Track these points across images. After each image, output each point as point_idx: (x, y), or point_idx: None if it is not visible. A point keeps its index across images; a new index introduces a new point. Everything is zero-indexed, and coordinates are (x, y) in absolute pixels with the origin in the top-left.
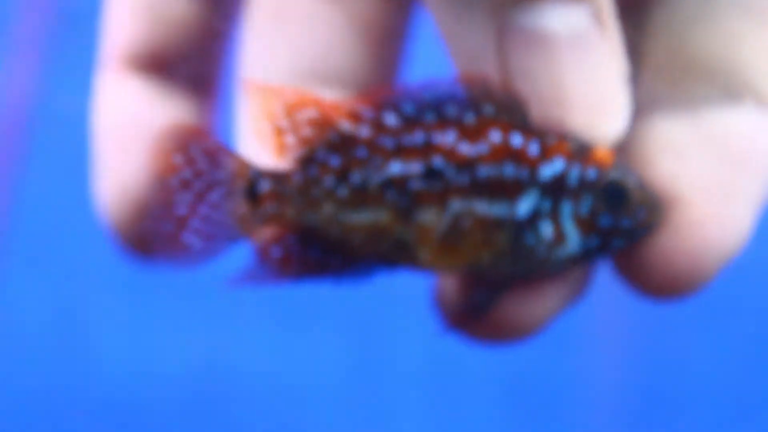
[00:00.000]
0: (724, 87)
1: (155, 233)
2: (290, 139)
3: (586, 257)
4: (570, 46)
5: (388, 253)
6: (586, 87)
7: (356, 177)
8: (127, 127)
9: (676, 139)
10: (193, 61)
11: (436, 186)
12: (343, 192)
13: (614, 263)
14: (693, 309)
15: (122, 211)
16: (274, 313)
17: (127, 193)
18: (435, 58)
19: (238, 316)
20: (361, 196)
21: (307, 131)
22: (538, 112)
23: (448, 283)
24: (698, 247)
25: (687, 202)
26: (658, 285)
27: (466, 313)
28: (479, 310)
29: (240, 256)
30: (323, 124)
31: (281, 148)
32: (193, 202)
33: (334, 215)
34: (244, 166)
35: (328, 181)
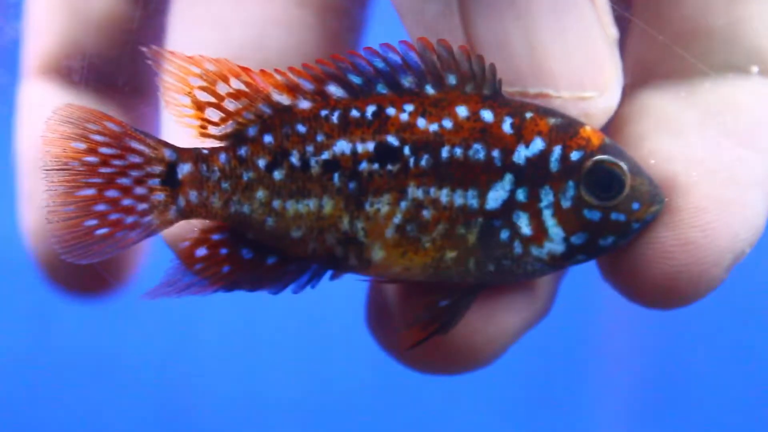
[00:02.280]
0: (725, 55)
1: (55, 216)
2: (213, 114)
3: (570, 257)
4: (548, 6)
5: (333, 250)
6: (570, 56)
7: (294, 157)
8: None
9: (670, 114)
10: (120, 59)
11: (391, 168)
12: (279, 175)
13: (600, 264)
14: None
15: (42, 239)
16: None
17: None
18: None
19: None
20: (301, 180)
21: (231, 105)
22: (513, 87)
23: (391, 294)
24: (700, 238)
25: (686, 185)
26: (654, 286)
27: (431, 323)
28: (446, 320)
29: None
30: (252, 96)
31: (203, 124)
32: (100, 185)
33: (269, 203)
34: (158, 147)
35: (261, 162)
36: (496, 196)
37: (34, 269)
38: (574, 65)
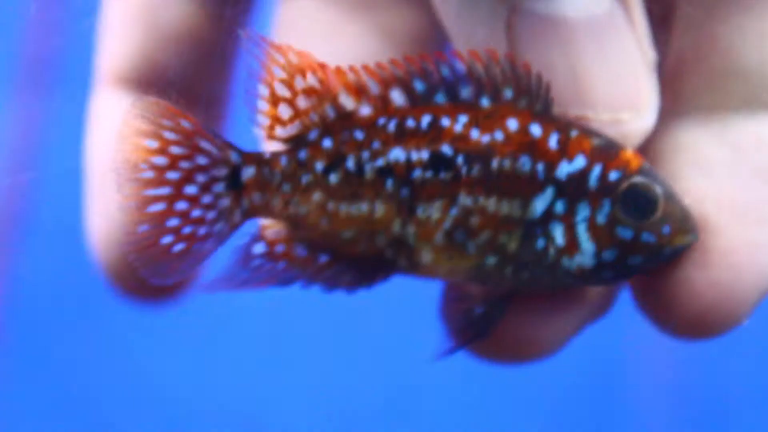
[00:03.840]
0: (758, 92)
1: (130, 239)
2: (284, 111)
3: (598, 272)
4: (590, 32)
5: (384, 252)
6: (610, 80)
7: (351, 162)
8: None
9: (702, 152)
10: (195, 75)
11: (444, 177)
12: (335, 178)
13: (634, 296)
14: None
15: (110, 248)
16: None
17: (115, 228)
18: None
19: None
20: (356, 185)
21: (303, 102)
22: (555, 109)
23: (450, 295)
24: (729, 278)
25: (716, 226)
26: (683, 322)
27: (467, 330)
28: (482, 326)
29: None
30: (322, 94)
31: (272, 124)
32: (169, 197)
33: (324, 205)
34: (225, 148)
35: (319, 165)
36: (537, 207)
37: (100, 276)
38: (614, 88)
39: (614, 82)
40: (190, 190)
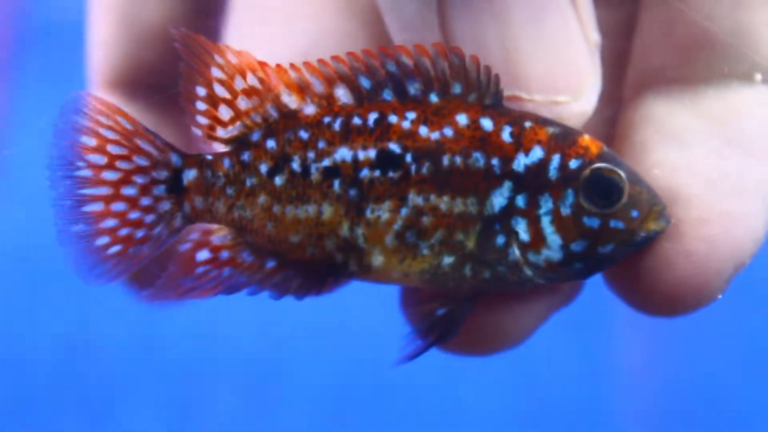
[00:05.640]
0: (729, 62)
1: (64, 239)
2: (224, 112)
3: (568, 265)
4: (526, 9)
5: (333, 256)
6: (545, 59)
7: (296, 163)
8: None
9: (675, 123)
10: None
11: (393, 176)
12: (280, 180)
13: (604, 273)
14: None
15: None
16: None
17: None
18: None
19: None
20: (301, 186)
21: (244, 103)
22: None
23: (408, 300)
24: (703, 249)
25: (689, 196)
26: (657, 297)
27: (431, 332)
28: (446, 327)
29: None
30: (263, 94)
31: (212, 124)
32: (107, 197)
33: (269, 209)
34: (166, 150)
35: (263, 167)
36: (495, 203)
37: None
38: (549, 69)
39: (551, 63)
40: (129, 191)
